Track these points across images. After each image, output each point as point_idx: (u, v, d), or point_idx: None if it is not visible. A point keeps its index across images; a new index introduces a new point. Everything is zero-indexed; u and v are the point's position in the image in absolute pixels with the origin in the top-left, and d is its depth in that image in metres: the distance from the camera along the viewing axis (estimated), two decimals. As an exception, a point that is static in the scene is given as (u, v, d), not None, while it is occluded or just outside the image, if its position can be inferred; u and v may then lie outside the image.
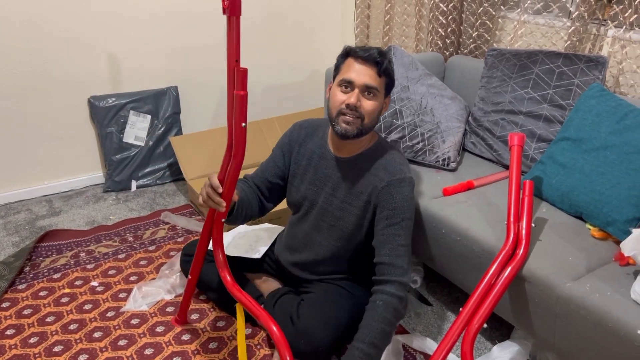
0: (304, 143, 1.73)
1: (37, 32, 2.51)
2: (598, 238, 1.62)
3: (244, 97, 1.34)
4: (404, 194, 1.55)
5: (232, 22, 1.33)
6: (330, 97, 1.57)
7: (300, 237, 1.75)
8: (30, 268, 2.16)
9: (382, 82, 1.54)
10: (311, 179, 1.70)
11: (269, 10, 3.10)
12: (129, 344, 1.76)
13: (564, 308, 1.39)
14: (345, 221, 1.64)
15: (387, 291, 1.48)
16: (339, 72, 1.56)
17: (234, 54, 1.36)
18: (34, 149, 2.70)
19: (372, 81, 1.50)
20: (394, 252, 1.52)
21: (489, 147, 2.14)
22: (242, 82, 1.33)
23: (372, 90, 1.51)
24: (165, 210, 2.62)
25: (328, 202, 1.67)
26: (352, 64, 1.52)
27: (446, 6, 2.54)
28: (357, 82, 1.50)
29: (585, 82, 1.88)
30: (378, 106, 1.55)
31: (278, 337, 1.43)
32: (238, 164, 1.43)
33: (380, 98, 1.55)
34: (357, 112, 1.50)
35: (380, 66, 1.51)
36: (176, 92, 2.94)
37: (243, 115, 1.36)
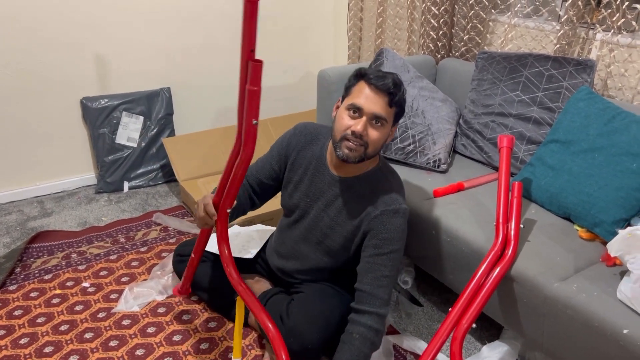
0: (302, 151, 1.68)
1: (29, 32, 2.51)
2: (586, 239, 1.64)
3: (256, 93, 1.24)
4: (396, 225, 1.52)
5: (249, 7, 1.21)
6: (336, 118, 1.51)
7: (289, 246, 1.75)
8: (21, 269, 2.15)
9: (391, 112, 1.48)
10: (305, 189, 1.67)
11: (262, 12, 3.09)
12: (120, 345, 1.76)
13: (551, 308, 1.41)
14: (333, 240, 1.63)
15: (364, 323, 1.47)
16: (349, 95, 1.49)
17: (248, 43, 1.23)
18: (26, 150, 2.69)
19: (381, 111, 1.45)
20: (376, 282, 1.49)
21: (479, 149, 2.16)
22: (255, 77, 1.22)
23: (381, 121, 1.46)
24: (157, 211, 2.62)
25: (319, 217, 1.65)
26: (364, 88, 1.46)
27: (438, 9, 2.56)
28: (366, 110, 1.44)
29: (574, 85, 1.90)
30: (384, 136, 1.50)
31: (274, 336, 1.44)
32: (246, 163, 1.38)
33: (387, 128, 1.49)
34: (361, 140, 1.45)
35: (393, 97, 1.45)
36: (169, 94, 2.94)
37: (255, 112, 1.27)
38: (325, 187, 1.62)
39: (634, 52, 1.95)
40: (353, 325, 1.49)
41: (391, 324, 1.86)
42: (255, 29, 1.22)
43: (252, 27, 1.22)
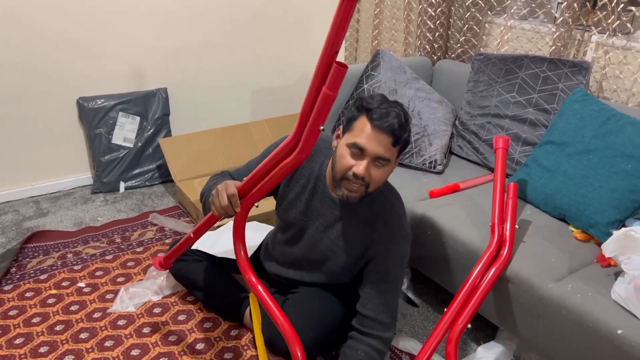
0: (301, 167, 1.59)
1: (25, 32, 2.51)
2: (580, 240, 1.64)
3: (331, 98, 1.15)
4: (401, 251, 1.51)
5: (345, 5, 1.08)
6: (336, 155, 1.41)
7: (289, 260, 1.71)
8: (16, 269, 2.15)
9: (395, 151, 1.39)
10: (302, 208, 1.59)
11: (259, 13, 3.12)
12: (115, 345, 1.75)
13: (546, 308, 1.42)
14: (334, 262, 1.59)
15: (370, 344, 1.47)
16: (351, 130, 1.39)
17: (334, 44, 1.12)
18: (22, 150, 2.69)
19: (385, 152, 1.36)
20: (380, 308, 1.49)
21: (475, 150, 2.17)
22: (336, 81, 1.13)
23: (384, 161, 1.38)
24: (153, 211, 2.61)
25: (318, 238, 1.58)
26: (366, 127, 1.35)
27: (434, 11, 2.57)
28: (368, 151, 1.35)
29: (570, 87, 1.91)
30: (387, 173, 1.42)
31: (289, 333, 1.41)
32: (296, 164, 1.28)
33: (391, 166, 1.42)
34: (363, 182, 1.38)
35: (398, 138, 1.36)
36: (166, 94, 2.94)
37: (324, 116, 1.19)
38: (325, 209, 1.55)
39: (629, 54, 1.96)
40: (357, 342, 1.49)
41: (387, 325, 1.86)
42: (345, 30, 1.09)
43: (342, 27, 1.10)
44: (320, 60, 1.15)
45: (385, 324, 1.49)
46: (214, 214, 1.44)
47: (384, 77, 2.20)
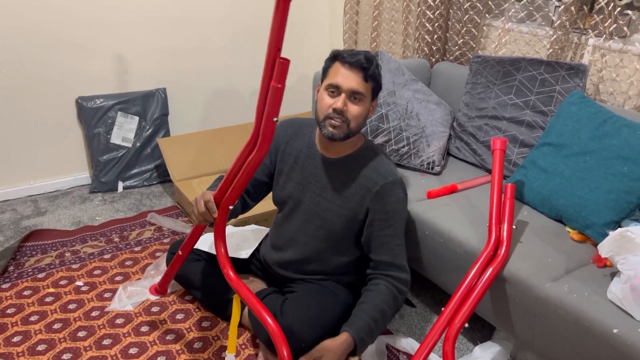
0: (290, 141, 1.74)
1: (24, 31, 2.51)
2: (577, 240, 1.66)
3: (280, 91, 1.29)
4: (397, 195, 1.60)
5: (280, 6, 1.24)
6: (317, 100, 1.59)
7: (286, 237, 1.76)
8: (14, 267, 2.15)
9: (368, 87, 1.55)
10: (297, 178, 1.71)
11: (258, 14, 3.13)
12: (113, 344, 1.76)
13: (543, 308, 1.43)
14: (333, 223, 1.66)
15: (391, 282, 1.59)
16: (327, 76, 1.58)
17: (276, 42, 1.27)
18: (21, 149, 2.69)
19: (358, 86, 1.52)
20: (392, 252, 1.61)
21: (472, 152, 2.18)
22: (281, 75, 1.27)
23: (359, 96, 1.53)
24: (151, 211, 2.62)
25: (315, 202, 1.68)
26: (339, 68, 1.54)
27: (433, 13, 2.59)
28: (343, 87, 1.52)
29: (567, 89, 1.93)
30: (364, 110, 1.57)
31: (276, 333, 1.43)
32: (260, 158, 1.39)
33: (366, 102, 1.57)
34: (343, 117, 1.53)
35: (366, 72, 1.52)
36: (164, 94, 2.95)
37: (276, 109, 1.31)
38: (318, 171, 1.67)
39: (626, 58, 1.97)
40: (379, 279, 1.61)
41: (384, 325, 1.87)
42: (284, 28, 1.25)
43: (282, 26, 1.25)
44: (267, 58, 1.30)
45: (400, 265, 1.61)
46: (196, 225, 1.56)
47: (383, 79, 2.20)
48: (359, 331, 1.51)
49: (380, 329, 1.57)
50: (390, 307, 1.57)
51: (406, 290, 1.61)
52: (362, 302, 1.58)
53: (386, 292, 1.58)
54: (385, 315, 1.56)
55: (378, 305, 1.55)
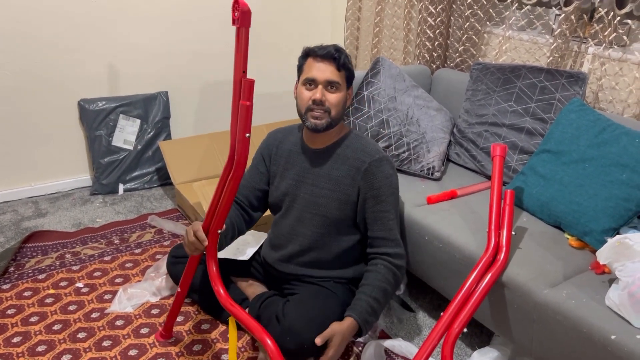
0: (280, 144, 1.83)
1: (28, 33, 2.53)
2: (575, 247, 1.66)
3: (249, 108, 1.35)
4: (386, 172, 1.67)
5: (242, 33, 1.35)
6: (297, 96, 1.69)
7: (285, 232, 1.79)
8: (15, 268, 2.16)
9: (342, 76, 1.64)
10: (291, 175, 1.77)
11: (259, 20, 3.14)
12: (113, 345, 1.76)
13: (541, 314, 1.44)
14: (328, 207, 1.70)
15: (387, 259, 1.66)
16: (302, 72, 1.68)
17: (241, 65, 1.37)
18: (22, 150, 2.70)
19: (333, 76, 1.62)
20: (386, 227, 1.67)
21: (472, 158, 2.19)
22: (248, 93, 1.35)
23: (335, 84, 1.62)
24: (152, 214, 2.63)
25: (310, 192, 1.73)
26: (312, 63, 1.64)
27: (434, 20, 2.61)
28: (319, 79, 1.62)
29: (566, 97, 1.94)
30: (342, 98, 1.66)
31: (272, 350, 1.42)
32: (239, 175, 1.43)
33: (342, 90, 1.66)
34: (323, 107, 1.62)
35: (337, 61, 1.61)
36: (166, 97, 2.96)
37: (247, 125, 1.37)
38: (309, 163, 1.74)
39: (625, 66, 1.99)
40: (377, 260, 1.67)
41: (383, 329, 1.87)
42: (247, 52, 1.35)
43: (245, 51, 1.34)
44: (234, 80, 1.38)
45: (395, 240, 1.68)
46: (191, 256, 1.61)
47: (384, 85, 2.23)
48: (362, 314, 1.57)
49: (383, 306, 1.63)
50: (391, 284, 1.64)
51: (403, 264, 1.68)
52: (362, 285, 1.64)
53: (385, 271, 1.64)
54: (387, 292, 1.63)
55: (378, 285, 1.61)
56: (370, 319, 1.59)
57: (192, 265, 1.64)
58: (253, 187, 1.84)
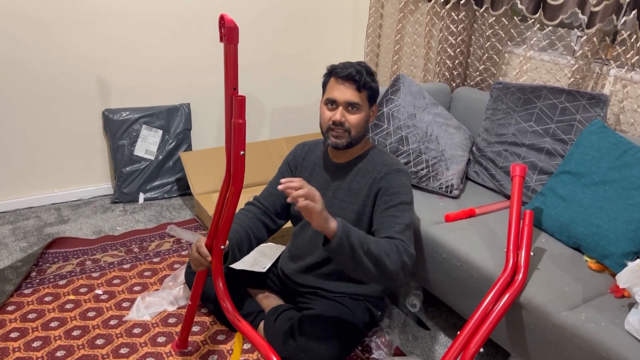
0: (306, 157, 1.86)
1: (57, 45, 2.60)
2: (595, 270, 1.65)
3: (242, 126, 1.34)
4: (401, 181, 1.66)
5: (230, 49, 1.34)
6: (320, 114, 1.71)
7: (305, 244, 1.81)
8: (36, 273, 2.20)
9: (363, 96, 1.65)
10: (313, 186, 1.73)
11: (280, 35, 3.20)
12: (130, 353, 1.78)
13: (559, 336, 1.43)
14: (346, 219, 1.65)
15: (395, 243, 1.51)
16: (325, 91, 1.70)
17: (231, 82, 1.36)
18: (47, 158, 2.76)
19: (353, 97, 1.62)
20: (394, 229, 1.58)
21: (491, 177, 2.20)
22: (239, 110, 1.32)
23: (355, 105, 1.63)
24: (171, 223, 2.66)
25: (329, 205, 1.73)
26: (334, 83, 1.66)
27: (455, 39, 2.62)
28: (339, 100, 1.63)
29: (587, 119, 1.94)
30: (363, 118, 1.66)
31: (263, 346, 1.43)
32: (237, 192, 1.42)
33: (364, 110, 1.66)
34: (343, 127, 1.64)
35: (358, 83, 1.62)
36: (188, 109, 3.01)
37: (241, 143, 1.36)
38: (331, 176, 1.77)
39: (647, 89, 1.99)
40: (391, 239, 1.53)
41: (398, 347, 1.87)
42: (237, 69, 1.35)
43: (234, 67, 1.34)
44: (226, 98, 1.36)
45: (404, 241, 1.56)
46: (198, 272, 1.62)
47: (404, 102, 2.25)
48: (347, 226, 1.40)
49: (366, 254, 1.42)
50: (385, 249, 1.47)
51: (405, 255, 1.50)
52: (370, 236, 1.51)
53: (388, 241, 1.52)
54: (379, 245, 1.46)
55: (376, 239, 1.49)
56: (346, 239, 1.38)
57: (200, 280, 1.65)
58: (279, 194, 1.84)
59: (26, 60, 2.55)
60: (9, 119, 2.61)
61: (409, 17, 2.93)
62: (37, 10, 2.50)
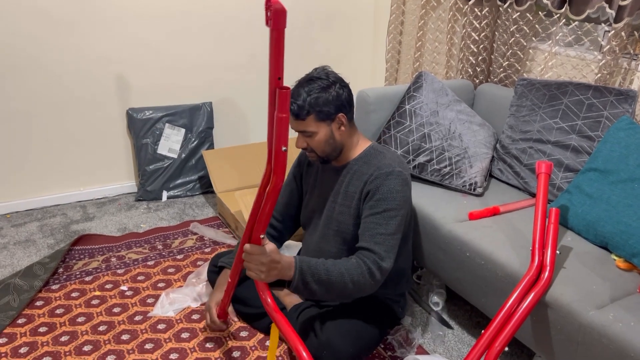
0: (310, 164, 1.86)
1: (81, 46, 2.64)
2: (623, 269, 1.62)
3: (285, 120, 1.26)
4: (390, 186, 1.60)
5: (276, 35, 1.19)
6: None
7: (312, 249, 1.81)
8: (63, 269, 2.24)
9: (310, 120, 1.59)
10: (318, 192, 1.80)
11: (301, 34, 3.20)
12: (155, 348, 1.81)
13: (586, 336, 1.40)
14: (346, 224, 1.70)
15: (363, 260, 1.52)
16: None
17: (275, 71, 1.22)
18: (73, 156, 2.82)
19: (298, 127, 1.61)
20: (373, 240, 1.56)
21: (515, 175, 2.17)
22: (283, 103, 1.23)
23: (306, 132, 1.62)
24: (194, 221, 2.69)
25: (330, 209, 1.74)
26: None
27: (478, 35, 2.59)
28: (296, 131, 1.63)
29: (615, 115, 1.90)
30: (322, 138, 1.62)
31: None
32: (277, 187, 1.40)
33: (321, 131, 1.61)
34: (308, 150, 1.66)
35: (297, 115, 1.58)
36: (210, 108, 3.04)
37: (284, 138, 1.29)
38: (331, 180, 1.75)
39: (678, 84, 1.94)
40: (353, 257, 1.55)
41: (421, 345, 1.86)
42: (282, 57, 1.22)
43: (279, 55, 1.22)
44: (270, 89, 1.26)
45: (378, 253, 1.54)
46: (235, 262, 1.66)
47: (426, 99, 2.23)
48: (303, 262, 1.46)
49: (329, 282, 1.47)
50: (350, 272, 1.49)
51: (378, 276, 1.52)
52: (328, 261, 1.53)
53: (352, 262, 1.52)
54: (342, 275, 1.48)
55: (337, 265, 1.50)
56: (309, 279, 1.45)
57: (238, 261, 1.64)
58: (287, 203, 1.91)
59: (52, 61, 2.60)
60: (36, 120, 2.67)
61: (431, 13, 2.90)
62: (62, 11, 2.54)
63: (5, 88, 2.55)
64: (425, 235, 1.96)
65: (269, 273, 1.40)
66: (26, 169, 2.73)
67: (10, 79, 2.55)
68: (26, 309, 1.98)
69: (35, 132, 2.69)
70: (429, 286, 2.13)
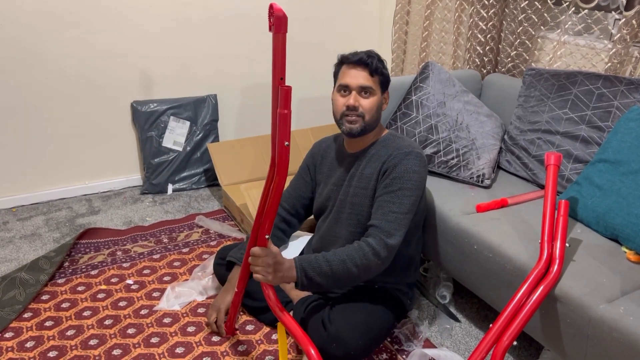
0: (325, 153, 1.88)
1: (87, 39, 2.63)
2: (634, 261, 1.59)
3: (287, 116, 1.32)
4: (407, 165, 1.62)
5: (278, 39, 1.31)
6: (333, 102, 1.72)
7: (325, 235, 1.81)
8: (69, 263, 2.24)
9: (376, 81, 1.66)
10: (333, 180, 1.81)
11: (305, 24, 3.17)
12: (160, 342, 1.80)
13: (596, 329, 1.38)
14: (361, 206, 1.70)
15: (366, 240, 1.54)
16: (337, 79, 1.71)
17: (278, 72, 1.33)
18: (78, 150, 2.81)
19: (365, 81, 1.64)
20: (384, 217, 1.57)
21: (524, 166, 2.14)
22: (285, 101, 1.31)
23: (368, 89, 1.64)
24: (199, 214, 2.68)
25: (345, 193, 1.75)
26: (345, 70, 1.67)
27: (485, 25, 2.56)
28: (352, 85, 1.64)
29: (625, 105, 1.87)
30: (376, 102, 1.67)
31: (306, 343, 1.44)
32: (281, 182, 1.41)
33: (377, 95, 1.67)
34: (357, 112, 1.64)
35: (370, 67, 1.63)
36: (215, 100, 3.02)
37: (286, 134, 1.34)
38: (346, 166, 1.77)
39: (690, 73, 1.90)
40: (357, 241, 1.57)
41: (428, 338, 1.85)
42: (285, 59, 1.32)
43: (282, 58, 1.31)
44: (273, 88, 1.35)
45: (387, 231, 1.56)
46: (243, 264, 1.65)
47: (433, 90, 2.20)
48: (302, 260, 1.47)
49: (333, 274, 1.49)
50: (351, 257, 1.50)
51: (383, 253, 1.53)
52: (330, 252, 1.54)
53: (354, 246, 1.53)
54: (345, 264, 1.49)
55: (338, 253, 1.51)
56: (311, 274, 1.47)
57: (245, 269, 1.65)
58: (300, 195, 1.91)
59: (55, 54, 2.59)
60: (41, 113, 2.66)
61: (438, 2, 2.86)
62: (67, 4, 2.53)
63: (9, 82, 2.54)
64: (432, 227, 1.94)
65: (275, 275, 1.42)
66: (31, 163, 2.73)
67: (14, 73, 2.54)
68: (32, 303, 1.98)
69: (40, 126, 2.68)
70: (436, 279, 2.11)
